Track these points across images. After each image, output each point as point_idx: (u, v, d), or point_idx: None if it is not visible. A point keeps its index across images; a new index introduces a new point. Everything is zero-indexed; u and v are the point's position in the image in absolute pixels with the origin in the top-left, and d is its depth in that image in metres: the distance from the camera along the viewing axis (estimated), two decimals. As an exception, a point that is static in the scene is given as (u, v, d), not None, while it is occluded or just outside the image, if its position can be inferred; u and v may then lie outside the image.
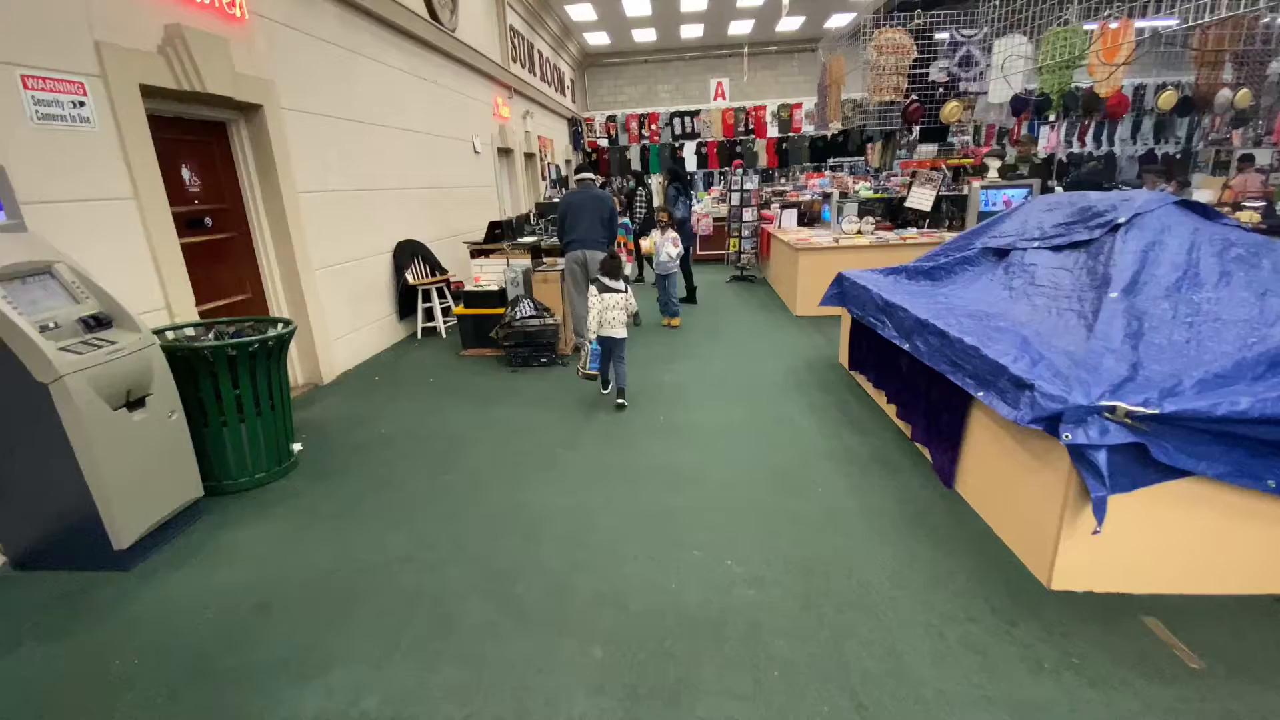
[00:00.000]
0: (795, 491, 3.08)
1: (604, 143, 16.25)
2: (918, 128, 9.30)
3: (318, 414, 4.40)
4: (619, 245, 6.17)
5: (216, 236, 4.30)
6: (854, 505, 2.94)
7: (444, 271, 6.54)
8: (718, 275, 9.44)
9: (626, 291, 4.26)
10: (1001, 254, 3.79)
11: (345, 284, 5.45)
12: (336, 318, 5.30)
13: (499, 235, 5.99)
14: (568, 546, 2.68)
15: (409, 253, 6.28)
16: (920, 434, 3.42)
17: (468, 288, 5.59)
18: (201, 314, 3.94)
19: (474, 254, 5.98)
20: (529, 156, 11.79)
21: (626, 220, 6.29)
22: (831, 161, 15.18)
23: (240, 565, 2.65)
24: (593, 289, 4.24)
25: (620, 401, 4.29)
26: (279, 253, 4.72)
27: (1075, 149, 14.41)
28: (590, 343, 4.41)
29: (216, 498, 3.16)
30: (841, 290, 4.86)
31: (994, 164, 6.95)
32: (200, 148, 4.20)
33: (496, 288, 5.56)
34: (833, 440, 3.64)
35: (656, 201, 9.46)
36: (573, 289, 5.41)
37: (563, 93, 14.60)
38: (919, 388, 3.41)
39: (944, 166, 7.36)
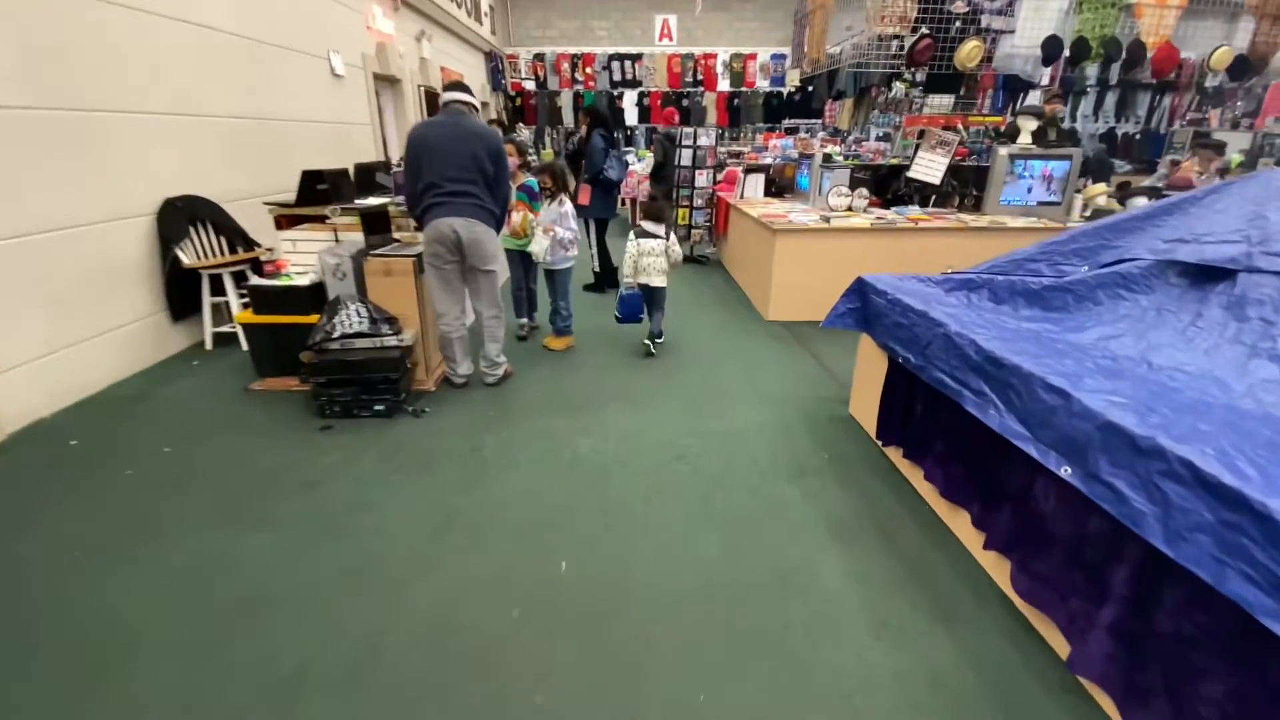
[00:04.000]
0: None
1: (530, 85, 13.78)
2: (898, 84, 7.56)
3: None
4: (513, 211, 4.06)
5: None
6: None
7: (251, 246, 4.28)
8: (661, 254, 7.47)
9: (669, 238, 3.98)
10: (1208, 274, 2.02)
11: (37, 271, 3.16)
12: (13, 331, 3.05)
13: (323, 194, 3.78)
14: None
15: (186, 217, 3.98)
16: (1114, 684, 1.61)
17: (256, 280, 3.40)
18: None
19: (280, 222, 3.76)
20: (429, 93, 9.32)
21: (532, 181, 4.14)
22: (787, 123, 13.35)
23: None
24: (631, 233, 4.04)
25: (650, 349, 4.14)
26: None
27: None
28: (622, 289, 4.06)
29: None
30: (863, 306, 3.04)
31: (1029, 125, 5.25)
32: None
33: (309, 281, 3.42)
34: (895, 639, 1.82)
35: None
36: (436, 284, 3.35)
37: (479, 20, 11.98)
38: (1103, 567, 1.61)
39: (961, 125, 5.61)
